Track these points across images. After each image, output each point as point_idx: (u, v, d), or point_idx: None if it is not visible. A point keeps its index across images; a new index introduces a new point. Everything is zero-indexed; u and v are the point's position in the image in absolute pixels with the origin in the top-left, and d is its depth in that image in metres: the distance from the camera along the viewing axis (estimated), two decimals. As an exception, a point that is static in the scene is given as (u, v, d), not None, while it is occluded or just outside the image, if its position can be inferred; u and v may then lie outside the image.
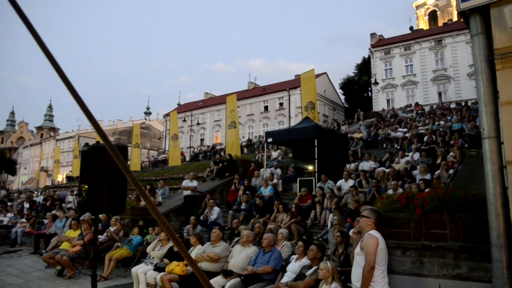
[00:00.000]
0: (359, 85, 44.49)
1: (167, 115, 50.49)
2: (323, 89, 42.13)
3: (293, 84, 41.63)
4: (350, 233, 6.85)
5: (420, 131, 15.52)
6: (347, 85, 45.50)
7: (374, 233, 3.70)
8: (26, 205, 17.49)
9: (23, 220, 14.25)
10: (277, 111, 42.37)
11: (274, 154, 16.95)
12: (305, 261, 5.52)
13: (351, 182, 10.31)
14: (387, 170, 10.72)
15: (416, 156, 11.94)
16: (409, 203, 4.23)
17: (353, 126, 22.73)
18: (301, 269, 5.41)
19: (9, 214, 15.24)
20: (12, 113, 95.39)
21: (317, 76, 31.53)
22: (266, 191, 11.49)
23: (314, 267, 5.10)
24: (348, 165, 12.60)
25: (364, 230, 3.84)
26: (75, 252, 8.80)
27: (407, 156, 12.20)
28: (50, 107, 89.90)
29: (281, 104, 42.35)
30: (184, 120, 41.46)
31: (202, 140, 48.08)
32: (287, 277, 5.48)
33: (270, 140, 13.25)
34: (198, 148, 36.69)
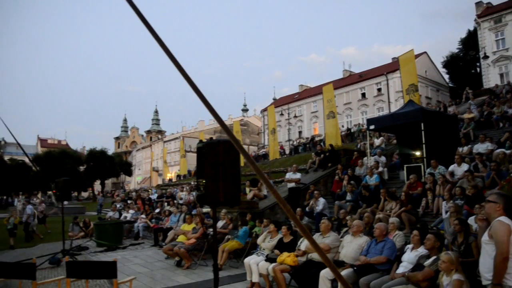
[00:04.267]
0: (465, 61, 40.83)
1: (264, 110, 51.46)
2: (424, 70, 39.61)
3: (391, 67, 39.78)
4: (469, 221, 6.37)
5: (545, 106, 13.81)
6: (451, 62, 42.07)
7: (505, 219, 3.35)
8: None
9: (143, 216, 15.60)
10: (375, 97, 40.84)
11: (377, 141, 16.35)
12: (422, 250, 5.23)
13: (465, 167, 9.53)
14: (507, 152, 9.73)
15: (543, 134, 10.66)
16: (544, 185, 3.77)
17: (462, 106, 20.99)
18: (418, 259, 5.14)
19: (131, 211, 16.81)
20: (125, 120, 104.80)
21: (417, 56, 29.64)
22: (372, 180, 11.15)
23: (433, 257, 4.81)
24: (460, 149, 11.69)
25: (491, 216, 3.51)
26: (190, 244, 9.39)
27: (531, 134, 10.94)
28: (156, 112, 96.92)
29: (379, 89, 40.73)
30: (281, 114, 41.91)
31: (300, 132, 48.17)
32: (403, 268, 5.25)
33: (372, 127, 12.80)
34: (297, 141, 36.82)
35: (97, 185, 62.63)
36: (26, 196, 49.02)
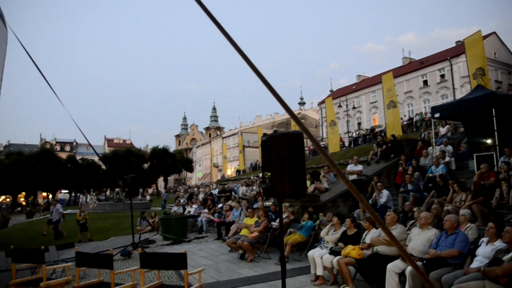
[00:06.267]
0: (542, 38, 37.62)
1: (322, 102, 50.94)
2: (493, 52, 37.14)
3: (455, 52, 37.77)
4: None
5: None
6: (525, 41, 38.97)
7: None
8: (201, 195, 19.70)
9: (206, 210, 16.01)
10: (438, 84, 38.97)
11: (442, 130, 15.58)
12: (499, 244, 4.91)
13: (544, 154, 8.86)
14: None
15: None
16: None
17: (539, 89, 19.45)
18: (496, 253, 4.84)
19: (194, 206, 17.33)
20: (184, 118, 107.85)
21: (484, 37, 27.82)
22: (438, 171, 10.67)
23: (513, 251, 4.51)
24: (538, 135, 10.86)
25: None
26: (253, 237, 9.50)
27: None
28: (214, 109, 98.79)
29: (442, 76, 38.81)
30: (339, 106, 41.17)
31: (359, 124, 47.18)
32: (478, 262, 4.96)
33: (437, 115, 12.22)
34: (357, 132, 36.06)
35: (160, 182, 65.13)
36: (96, 192, 51.92)
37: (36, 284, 5.80)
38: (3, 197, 58.51)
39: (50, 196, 56.15)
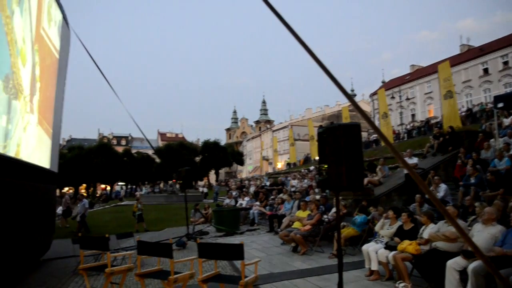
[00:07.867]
0: None
1: (374, 94, 49.71)
2: None
3: (520, 36, 35.50)
4: None
5: None
6: None
7: None
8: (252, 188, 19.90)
9: (257, 203, 16.15)
10: (500, 72, 36.78)
11: (506, 121, 14.69)
12: None
13: None
14: None
15: None
16: None
17: None
18: None
19: (246, 198, 17.54)
20: (235, 112, 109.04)
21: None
22: (502, 164, 10.10)
23: None
24: None
25: None
26: (306, 230, 9.47)
27: None
28: (263, 102, 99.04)
29: (505, 63, 36.59)
30: (392, 97, 40.00)
31: (413, 115, 45.58)
32: (550, 261, 4.67)
33: (500, 105, 11.56)
34: (411, 124, 34.89)
35: (211, 175, 66.36)
36: (150, 184, 53.76)
37: (100, 269, 6.15)
38: (66, 188, 62.20)
39: (108, 187, 58.90)
